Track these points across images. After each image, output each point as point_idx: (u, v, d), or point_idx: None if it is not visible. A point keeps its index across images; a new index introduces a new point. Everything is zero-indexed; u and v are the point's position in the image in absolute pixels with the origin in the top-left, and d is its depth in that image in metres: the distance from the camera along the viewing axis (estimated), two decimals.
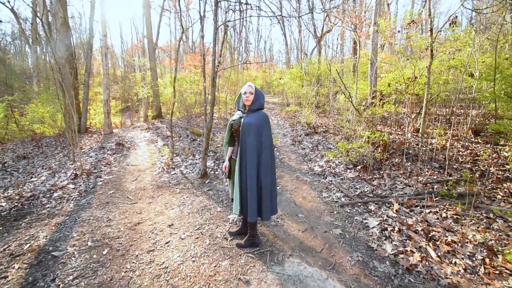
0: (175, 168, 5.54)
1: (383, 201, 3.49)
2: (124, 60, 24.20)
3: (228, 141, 2.72)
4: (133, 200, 3.98)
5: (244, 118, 2.46)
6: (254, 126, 2.41)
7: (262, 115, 2.50)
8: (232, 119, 2.60)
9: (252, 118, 2.45)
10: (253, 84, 2.57)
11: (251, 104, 2.49)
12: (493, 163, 4.56)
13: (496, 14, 6.85)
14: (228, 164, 2.70)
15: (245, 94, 2.47)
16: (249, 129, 2.40)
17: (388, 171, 4.52)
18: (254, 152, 2.39)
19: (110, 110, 9.66)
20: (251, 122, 2.42)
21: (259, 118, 2.46)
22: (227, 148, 2.73)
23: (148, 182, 4.86)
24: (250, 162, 2.38)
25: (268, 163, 2.44)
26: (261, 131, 2.44)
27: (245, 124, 2.42)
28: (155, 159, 6.40)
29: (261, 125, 2.44)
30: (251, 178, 2.36)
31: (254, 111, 2.50)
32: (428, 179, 3.98)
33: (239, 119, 2.52)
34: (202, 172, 4.72)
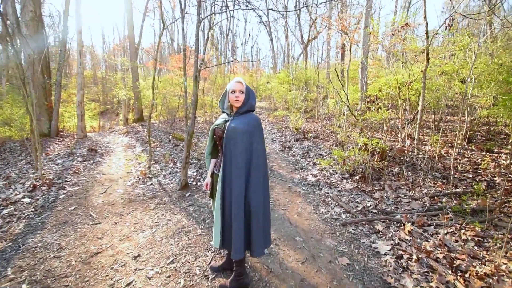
0: (152, 177, 4.83)
1: (391, 218, 2.98)
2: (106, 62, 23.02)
3: (211, 152, 2.12)
4: (96, 220, 3.26)
5: (230, 122, 1.87)
6: (242, 133, 1.82)
7: (253, 118, 1.92)
8: (215, 123, 2.01)
9: (240, 122, 1.86)
10: (243, 80, 1.98)
11: (241, 105, 1.91)
12: (497, 172, 4.20)
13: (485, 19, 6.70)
14: (210, 181, 2.09)
15: (233, 92, 1.88)
16: (235, 136, 1.81)
17: (389, 181, 4.04)
18: (241, 166, 1.79)
19: (84, 112, 8.76)
20: (238, 127, 1.83)
21: (249, 122, 1.87)
22: (210, 160, 2.13)
23: (119, 195, 4.14)
24: (236, 180, 1.78)
25: (260, 181, 1.85)
26: (252, 139, 1.85)
27: (231, 129, 1.83)
28: (131, 167, 5.65)
29: (252, 131, 1.86)
30: (236, 203, 1.76)
31: (242, 114, 1.93)
32: (436, 192, 3.53)
33: (223, 123, 1.94)
34: (182, 183, 4.06)
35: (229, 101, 1.96)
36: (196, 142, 7.45)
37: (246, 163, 1.82)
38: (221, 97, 2.04)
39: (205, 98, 10.99)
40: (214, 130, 1.99)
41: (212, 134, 2.04)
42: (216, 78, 10.86)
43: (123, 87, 10.36)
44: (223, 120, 1.95)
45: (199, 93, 11.27)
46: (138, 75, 11.90)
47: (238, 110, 1.91)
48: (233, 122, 1.86)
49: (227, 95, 1.96)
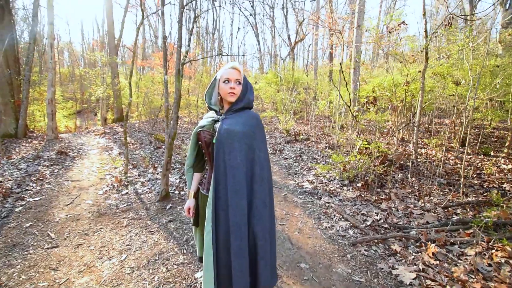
0: (128, 185, 4.17)
1: (408, 236, 2.53)
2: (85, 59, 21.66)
3: (193, 163, 1.56)
4: (53, 242, 2.60)
5: (222, 123, 1.34)
6: (240, 136, 1.30)
7: (252, 116, 1.40)
8: (199, 125, 1.45)
9: (236, 121, 1.34)
10: (240, 66, 1.43)
11: (236, 100, 1.38)
12: (503, 178, 3.90)
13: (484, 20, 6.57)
14: (194, 204, 1.52)
15: (227, 82, 1.36)
16: (231, 142, 1.29)
17: (394, 189, 3.62)
18: (241, 182, 1.26)
19: (55, 111, 7.86)
20: (234, 128, 1.31)
21: (247, 122, 1.36)
22: (192, 175, 1.57)
23: (87, 207, 3.47)
24: (234, 202, 1.24)
25: (266, 202, 1.32)
26: (253, 143, 1.34)
27: (224, 132, 1.30)
28: (105, 172, 4.94)
29: (252, 133, 1.34)
30: (237, 234, 1.22)
31: (237, 111, 1.40)
32: (449, 202, 3.14)
33: (211, 124, 1.40)
34: (162, 193, 3.44)
35: (219, 94, 1.42)
36: (180, 143, 6.80)
37: (247, 178, 1.28)
38: (208, 88, 1.48)
39: (190, 98, 10.30)
40: (198, 134, 1.43)
41: (196, 140, 1.49)
42: (201, 77, 10.21)
43: (101, 84, 9.49)
44: (211, 120, 1.41)
45: (183, 92, 10.57)
46: (117, 72, 11.02)
47: (232, 107, 1.39)
48: (226, 123, 1.33)
49: (217, 85, 1.42)
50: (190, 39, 3.98)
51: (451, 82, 5.89)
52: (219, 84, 1.40)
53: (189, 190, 1.54)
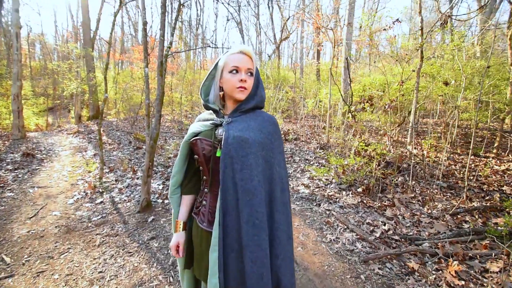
0: (103, 192, 3.65)
1: (423, 251, 2.26)
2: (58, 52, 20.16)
3: (182, 182, 1.14)
4: (8, 269, 2.09)
5: (228, 128, 0.96)
6: (256, 149, 0.93)
7: (267, 119, 1.03)
8: (191, 131, 1.04)
9: (247, 126, 0.97)
10: (252, 51, 1.05)
11: (248, 98, 1.01)
12: (501, 180, 3.79)
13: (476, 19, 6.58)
14: (184, 240, 1.12)
15: (236, 73, 0.98)
16: (245, 156, 0.91)
17: (396, 194, 3.39)
18: (262, 214, 0.89)
19: (22, 107, 7.02)
20: (247, 137, 0.94)
21: (263, 127, 0.99)
22: (178, 198, 1.14)
23: (54, 221, 2.94)
24: (254, 244, 0.87)
25: (290, 233, 0.98)
26: (271, 158, 0.97)
27: (234, 142, 0.93)
28: (77, 177, 4.36)
29: (270, 143, 0.98)
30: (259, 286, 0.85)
31: (246, 112, 1.02)
32: (457, 209, 2.93)
33: (211, 130, 1.01)
34: (143, 203, 2.97)
35: (221, 88, 1.03)
36: (163, 144, 6.27)
37: (267, 206, 0.91)
38: (205, 80, 1.09)
39: (173, 95, 9.70)
40: (192, 144, 1.03)
41: (188, 152, 1.08)
42: (185, 73, 9.63)
43: (74, 79, 8.67)
44: (210, 125, 1.01)
45: (166, 88, 9.94)
46: (93, 66, 10.19)
47: (240, 106, 1.01)
48: (234, 128, 0.95)
49: (218, 76, 1.03)
50: (174, 28, 3.52)
51: (440, 82, 5.80)
52: (223, 74, 1.01)
53: (175, 219, 1.13)
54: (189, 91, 10.67)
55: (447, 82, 5.72)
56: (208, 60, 16.91)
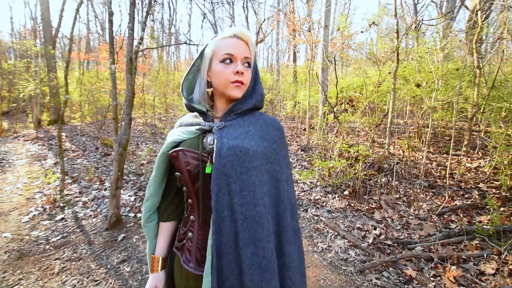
0: (65, 207, 3.18)
1: (417, 256, 2.17)
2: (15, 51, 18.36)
3: (162, 207, 0.86)
4: None
5: (221, 135, 0.73)
6: (259, 162, 0.70)
7: (270, 122, 0.80)
8: (171, 140, 0.78)
9: (246, 132, 0.74)
10: (250, 35, 0.80)
11: (245, 96, 0.79)
12: (476, 178, 3.91)
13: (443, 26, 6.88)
14: (162, 283, 0.83)
15: (229, 62, 0.74)
16: (245, 172, 0.68)
17: (382, 196, 3.33)
18: (271, 252, 0.65)
19: None
20: (247, 146, 0.70)
21: (265, 133, 0.77)
22: (155, 227, 0.87)
23: (4, 244, 2.49)
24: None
25: (303, 270, 0.74)
26: (278, 173, 0.75)
27: (229, 154, 0.69)
28: (34, 189, 3.81)
29: (276, 153, 0.76)
30: None
31: (243, 114, 0.79)
32: (443, 209, 2.91)
33: (197, 137, 0.76)
34: (111, 219, 2.60)
35: (209, 83, 0.80)
36: (135, 149, 5.79)
37: (276, 235, 0.69)
38: (187, 74, 0.84)
39: (145, 97, 9.13)
40: (173, 157, 0.77)
41: (167, 167, 0.83)
42: (158, 74, 9.11)
43: (32, 80, 7.81)
44: (196, 131, 0.77)
45: (137, 89, 9.34)
46: (55, 66, 9.30)
47: (235, 106, 0.78)
48: (229, 135, 0.73)
49: (206, 67, 0.79)
50: (145, 23, 3.19)
51: (412, 84, 5.98)
52: (211, 65, 0.78)
53: (150, 255, 0.85)
54: (163, 92, 10.13)
55: (419, 84, 5.91)
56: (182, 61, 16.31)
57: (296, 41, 9.68)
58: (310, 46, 6.46)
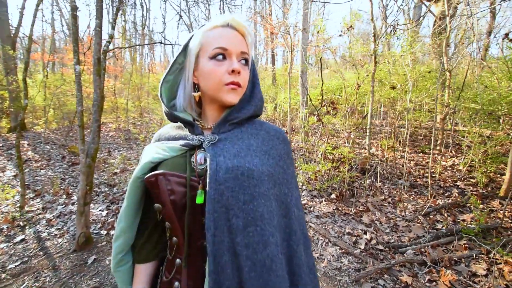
0: (26, 226, 2.80)
1: (411, 261, 2.12)
2: None
3: (137, 245, 0.66)
4: None
5: (213, 153, 0.55)
6: (266, 187, 0.54)
7: (274, 133, 0.65)
8: (147, 160, 0.59)
9: (247, 147, 0.58)
10: (247, 25, 0.63)
11: (242, 101, 0.63)
12: (454, 176, 4.03)
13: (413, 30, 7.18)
14: None
15: (222, 59, 0.58)
16: (249, 201, 0.51)
17: (368, 198, 3.30)
18: None
19: None
20: (249, 167, 0.54)
21: (270, 148, 0.61)
22: (129, 272, 0.66)
23: None
24: None
25: None
26: (287, 197, 0.60)
27: (227, 177, 0.52)
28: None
29: (283, 173, 0.61)
30: None
31: (240, 124, 0.63)
32: (428, 209, 2.93)
33: (181, 157, 0.58)
34: (80, 239, 2.29)
35: (195, 86, 0.63)
36: (106, 157, 5.36)
37: (287, 275, 0.53)
38: (166, 74, 0.66)
39: (117, 100, 8.60)
40: (150, 183, 0.57)
41: (141, 195, 0.63)
42: (131, 76, 8.63)
43: None
44: (181, 147, 0.60)
45: (108, 93, 8.78)
46: (15, 68, 8.47)
47: (230, 115, 0.62)
48: (225, 152, 0.57)
49: (192, 66, 0.62)
50: (116, 20, 2.91)
51: (388, 87, 6.15)
52: (198, 62, 0.62)
53: None
54: (137, 96, 9.61)
55: (394, 86, 6.08)
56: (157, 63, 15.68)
57: (274, 44, 9.67)
58: (290, 49, 6.43)
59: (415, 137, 6.93)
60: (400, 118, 6.76)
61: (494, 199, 3.12)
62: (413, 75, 5.52)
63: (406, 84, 5.69)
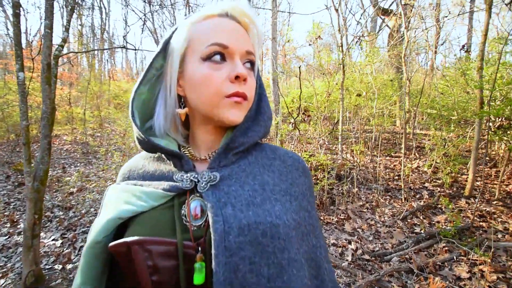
0: None
1: (398, 269, 2.09)
2: None
3: None
4: None
5: (215, 200, 0.38)
6: (295, 247, 0.38)
7: (292, 163, 0.49)
8: (114, 215, 0.39)
9: (261, 188, 0.41)
10: (253, 14, 0.46)
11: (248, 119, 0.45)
12: (421, 178, 4.24)
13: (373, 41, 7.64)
14: None
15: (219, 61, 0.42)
16: (279, 276, 0.35)
17: (348, 205, 3.29)
18: None
19: None
20: (278, 223, 0.37)
21: (289, 185, 0.45)
22: None
23: None
24: None
25: None
26: (316, 248, 0.44)
27: (245, 244, 0.35)
28: None
29: (308, 217, 0.46)
30: None
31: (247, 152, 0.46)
32: (405, 213, 2.98)
33: (166, 208, 0.40)
34: (28, 278, 1.88)
35: (181, 99, 0.46)
36: (61, 175, 4.74)
37: None
38: (138, 86, 0.46)
39: (72, 110, 7.80)
40: (119, 255, 0.37)
41: (105, 264, 0.41)
42: (89, 84, 7.91)
43: None
44: (163, 194, 0.41)
45: (62, 102, 7.93)
46: None
47: (234, 141, 0.44)
48: (232, 198, 0.39)
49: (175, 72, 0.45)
50: (70, 21, 2.57)
51: (354, 94, 6.42)
52: (186, 65, 0.45)
53: None
54: (96, 105, 8.84)
55: (360, 94, 6.35)
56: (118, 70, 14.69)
57: None
58: (260, 57, 6.42)
59: (380, 141, 7.29)
60: (366, 124, 7.07)
61: (461, 199, 3.30)
62: (376, 84, 5.82)
63: (369, 92, 5.97)
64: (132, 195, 0.41)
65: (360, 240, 2.57)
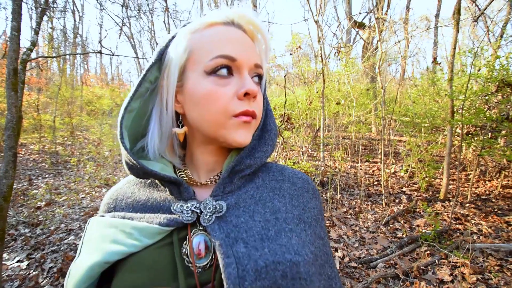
0: None
1: (384, 276, 2.10)
2: None
3: None
4: None
5: (224, 236, 0.33)
6: (316, 283, 0.33)
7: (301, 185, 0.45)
8: (99, 258, 0.32)
9: (274, 217, 0.36)
10: (261, 24, 0.42)
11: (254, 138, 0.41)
12: (399, 182, 4.39)
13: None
14: None
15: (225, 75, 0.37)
16: None
17: (333, 212, 3.30)
18: None
19: None
20: (298, 260, 0.32)
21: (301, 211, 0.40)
22: None
23: None
24: None
25: None
26: (330, 280, 0.38)
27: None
28: None
29: (322, 246, 0.41)
30: None
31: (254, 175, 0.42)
32: (388, 217, 3.04)
33: (162, 247, 0.35)
34: None
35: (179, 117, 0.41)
36: (27, 187, 4.35)
37: None
38: (129, 102, 0.39)
39: (41, 117, 7.26)
40: None
41: None
42: (60, 89, 7.43)
43: None
44: (159, 229, 0.35)
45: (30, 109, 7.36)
46: None
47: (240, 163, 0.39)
48: (242, 232, 0.34)
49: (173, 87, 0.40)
50: (40, 23, 2.39)
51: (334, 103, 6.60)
52: (186, 80, 0.40)
53: None
54: (66, 111, 8.32)
55: (339, 102, 6.53)
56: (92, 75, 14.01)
57: None
58: None
59: (358, 148, 7.52)
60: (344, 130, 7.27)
61: (436, 202, 3.45)
62: (354, 93, 6.03)
63: (347, 100, 6.17)
64: (121, 232, 0.34)
65: (346, 247, 2.58)
